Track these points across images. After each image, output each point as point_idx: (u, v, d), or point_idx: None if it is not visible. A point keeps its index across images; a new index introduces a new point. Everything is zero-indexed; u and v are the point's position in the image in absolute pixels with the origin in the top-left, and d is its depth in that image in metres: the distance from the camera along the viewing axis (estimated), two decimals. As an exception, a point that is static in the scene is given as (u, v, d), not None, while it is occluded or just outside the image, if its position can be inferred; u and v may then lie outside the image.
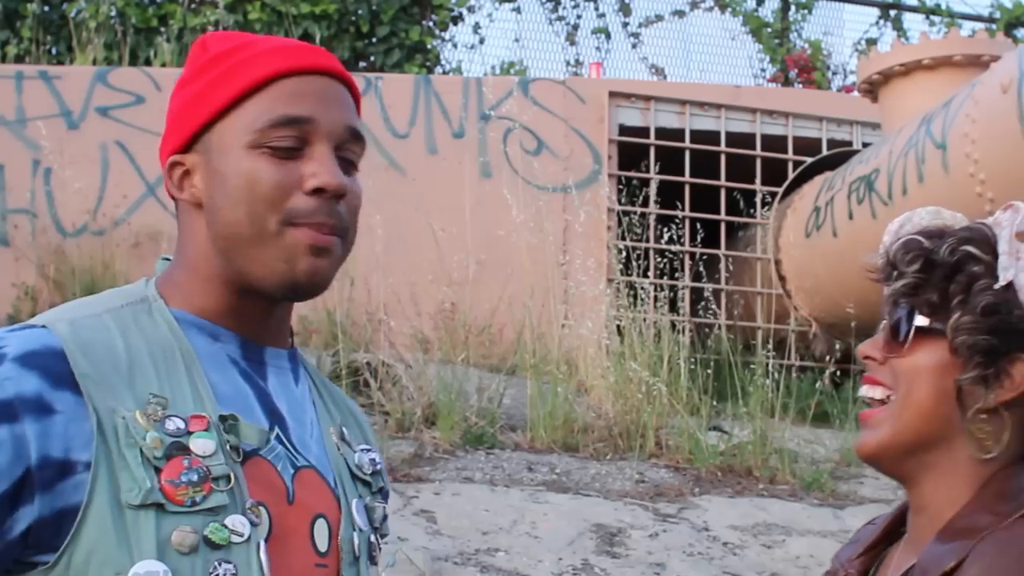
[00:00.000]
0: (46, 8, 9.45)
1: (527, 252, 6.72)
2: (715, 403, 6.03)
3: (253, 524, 1.22)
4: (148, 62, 8.58)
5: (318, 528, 1.30)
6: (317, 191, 1.28)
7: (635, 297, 6.60)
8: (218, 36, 1.37)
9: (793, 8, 11.80)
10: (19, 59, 8.86)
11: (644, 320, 6.35)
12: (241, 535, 1.21)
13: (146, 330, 1.27)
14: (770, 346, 6.35)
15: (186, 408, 1.23)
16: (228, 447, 1.23)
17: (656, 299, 6.61)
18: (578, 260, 6.90)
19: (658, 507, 4.97)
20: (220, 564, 1.19)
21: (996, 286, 1.34)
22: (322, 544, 1.30)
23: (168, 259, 1.39)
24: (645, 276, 7.02)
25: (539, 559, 4.32)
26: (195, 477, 1.20)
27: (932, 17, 11.85)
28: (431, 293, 6.82)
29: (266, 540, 1.23)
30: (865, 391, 1.43)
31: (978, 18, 11.86)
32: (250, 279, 1.29)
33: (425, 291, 6.86)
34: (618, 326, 6.30)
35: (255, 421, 1.29)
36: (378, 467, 1.44)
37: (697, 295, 7.37)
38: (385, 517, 1.44)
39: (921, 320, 1.37)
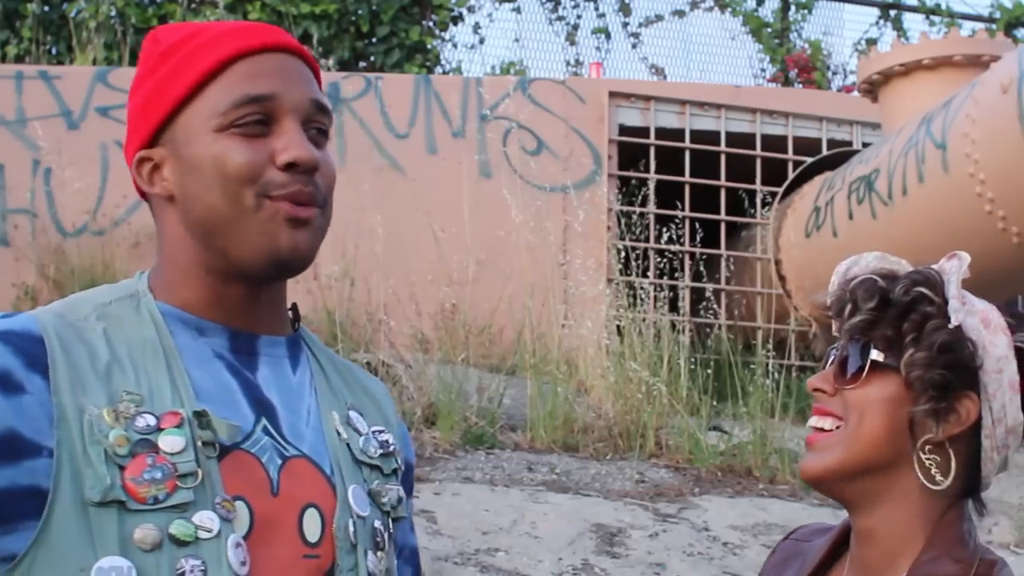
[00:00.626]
0: (46, 8, 9.46)
1: (527, 252, 6.72)
2: (715, 403, 6.03)
3: (224, 519, 1.21)
4: (148, 62, 8.57)
5: (308, 518, 1.28)
6: (290, 166, 1.27)
7: (635, 297, 6.60)
8: (168, 28, 1.36)
9: (793, 8, 11.80)
10: (19, 59, 8.86)
11: (644, 320, 6.35)
12: (210, 531, 1.19)
13: (131, 326, 1.27)
14: (770, 346, 6.35)
15: (163, 405, 1.23)
16: (201, 443, 1.22)
17: (656, 299, 6.61)
18: (578, 260, 6.90)
19: (658, 507, 4.97)
20: (187, 560, 1.18)
21: (950, 326, 1.42)
22: (312, 534, 1.28)
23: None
24: (645, 276, 7.02)
25: (539, 559, 4.32)
26: (158, 475, 1.19)
27: (932, 17, 11.85)
28: (431, 293, 6.83)
29: (247, 534, 1.23)
30: (814, 421, 1.49)
31: (978, 18, 11.86)
32: (233, 260, 1.29)
33: (425, 291, 6.86)
34: (618, 326, 6.30)
35: (238, 415, 1.28)
36: (391, 448, 1.42)
37: (697, 295, 7.37)
38: (400, 499, 1.41)
39: (876, 355, 1.43)
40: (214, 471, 1.22)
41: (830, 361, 1.49)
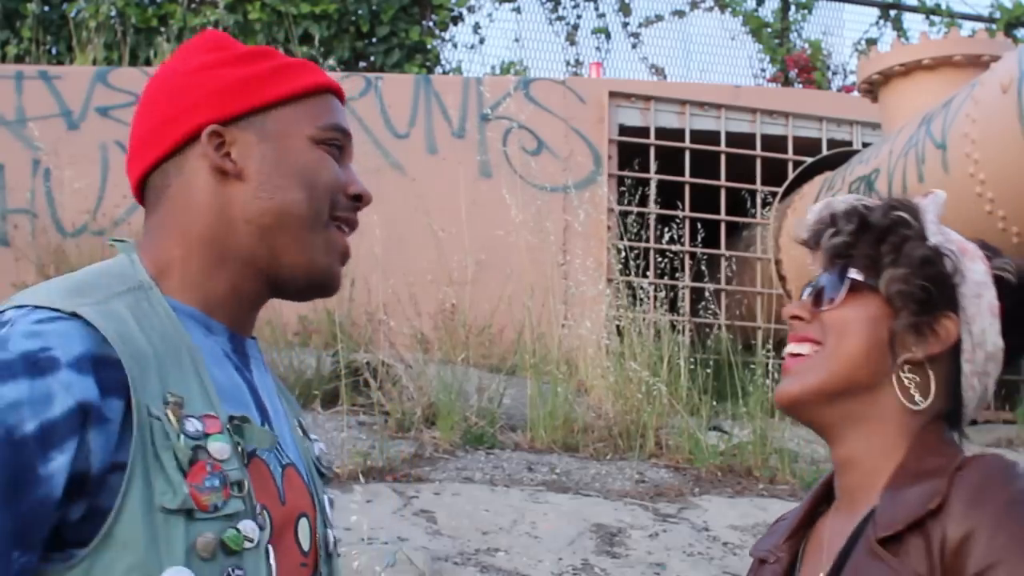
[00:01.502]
0: (46, 8, 9.46)
1: (527, 252, 6.72)
2: (715, 403, 6.03)
3: (261, 528, 1.23)
4: (148, 62, 8.58)
5: (301, 527, 1.31)
6: (356, 197, 1.39)
7: (635, 297, 6.60)
8: (229, 37, 1.44)
9: (793, 8, 11.80)
10: (19, 59, 8.86)
11: (644, 320, 6.36)
12: (252, 540, 1.21)
13: (151, 321, 1.25)
14: (770, 346, 6.35)
15: (197, 407, 1.22)
16: (239, 450, 1.23)
17: (656, 299, 6.61)
18: (578, 260, 6.89)
19: (658, 507, 4.97)
20: (233, 570, 1.19)
21: (928, 244, 1.44)
22: (305, 543, 1.31)
23: (122, 241, 1.37)
24: (644, 276, 7.02)
25: (539, 559, 4.32)
26: (216, 482, 1.20)
27: (932, 17, 11.85)
28: (431, 293, 6.83)
29: (270, 541, 1.25)
30: (791, 348, 1.48)
31: (978, 18, 11.86)
32: (280, 261, 1.33)
33: (425, 291, 6.86)
34: (618, 326, 6.30)
35: (256, 420, 1.30)
36: (325, 459, 1.46)
37: (697, 295, 7.37)
38: (332, 503, 1.45)
39: (856, 274, 1.44)
40: (247, 480, 1.23)
41: (807, 294, 1.50)
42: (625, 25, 11.64)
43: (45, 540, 1.14)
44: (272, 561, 1.22)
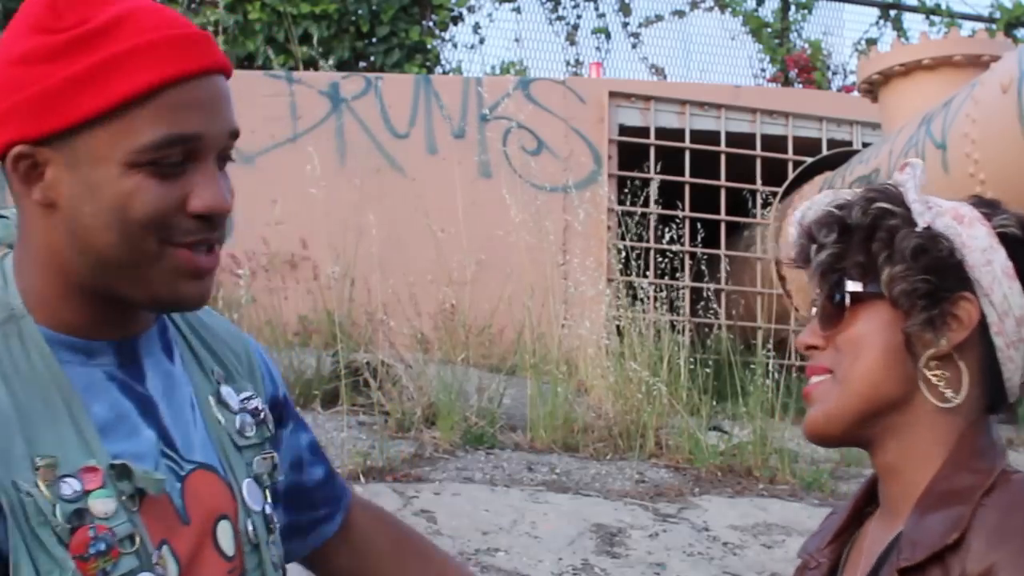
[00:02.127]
0: (46, 8, 9.44)
1: (527, 252, 6.72)
2: (715, 403, 6.03)
3: None
4: (148, 62, 8.56)
5: (221, 532, 1.24)
6: (202, 215, 1.16)
7: (635, 297, 6.60)
8: (69, 2, 1.16)
9: (793, 8, 11.80)
10: (19, 59, 8.84)
11: (644, 320, 6.35)
12: None
13: (19, 364, 1.14)
14: (770, 346, 6.35)
15: (75, 460, 1.13)
16: (124, 497, 1.14)
17: (656, 299, 6.60)
18: (577, 260, 6.89)
19: (658, 507, 4.97)
20: None
21: (917, 229, 1.33)
22: (228, 547, 1.24)
23: (4, 217, 1.27)
24: (644, 276, 7.02)
25: (539, 559, 4.32)
26: (103, 546, 1.11)
27: (932, 17, 11.85)
28: (431, 293, 6.82)
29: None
30: (812, 380, 1.41)
31: (978, 18, 11.86)
32: (125, 298, 1.19)
33: (425, 291, 6.86)
34: (618, 326, 6.29)
35: (140, 443, 1.20)
36: (262, 415, 1.33)
37: (697, 295, 7.37)
38: (275, 466, 1.34)
39: (853, 285, 1.34)
40: (140, 526, 1.15)
41: (813, 314, 1.40)
42: (625, 25, 11.64)
43: None
44: None
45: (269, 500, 1.32)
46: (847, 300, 1.35)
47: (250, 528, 1.27)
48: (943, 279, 1.32)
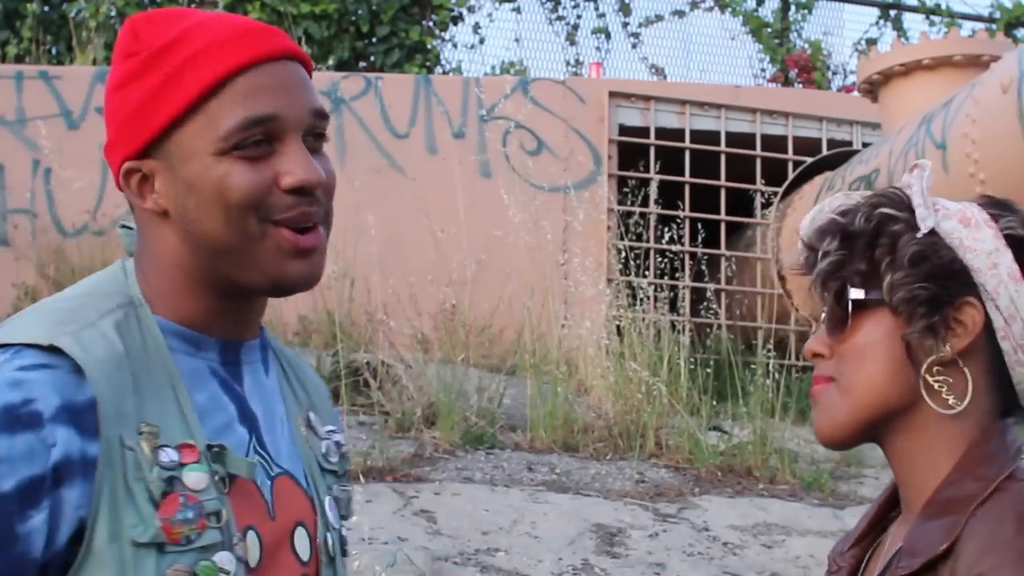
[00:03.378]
0: (46, 8, 9.46)
1: (527, 252, 6.72)
2: (715, 403, 6.03)
3: (239, 560, 1.20)
4: (148, 62, 8.57)
5: (298, 537, 1.29)
6: (295, 190, 1.23)
7: (635, 297, 6.60)
8: (150, 23, 1.27)
9: (793, 8, 11.80)
10: (19, 59, 8.86)
11: (644, 320, 6.35)
12: (227, 572, 1.19)
13: (136, 341, 1.22)
14: (770, 346, 6.35)
15: (174, 436, 1.19)
16: (217, 478, 1.20)
17: (656, 299, 6.60)
18: (577, 260, 6.89)
19: (658, 507, 4.97)
20: None
21: (918, 235, 1.31)
22: (304, 553, 1.29)
23: (129, 228, 1.33)
24: (644, 276, 7.02)
25: (539, 559, 4.32)
26: (191, 514, 1.17)
27: (932, 17, 11.85)
28: (431, 293, 6.82)
29: (258, 563, 1.22)
30: (816, 391, 1.39)
31: (978, 18, 11.86)
32: (240, 284, 1.25)
33: (425, 291, 6.86)
34: (618, 326, 6.30)
35: (235, 437, 1.26)
36: (343, 450, 1.41)
37: (697, 295, 7.37)
38: (350, 500, 1.41)
39: (856, 292, 1.33)
40: (227, 508, 1.20)
41: (821, 320, 1.39)
42: (625, 25, 11.64)
43: None
44: None
45: (346, 525, 1.39)
46: (849, 308, 1.33)
47: (329, 541, 1.32)
48: (945, 285, 1.30)
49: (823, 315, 1.38)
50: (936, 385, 1.31)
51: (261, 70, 1.23)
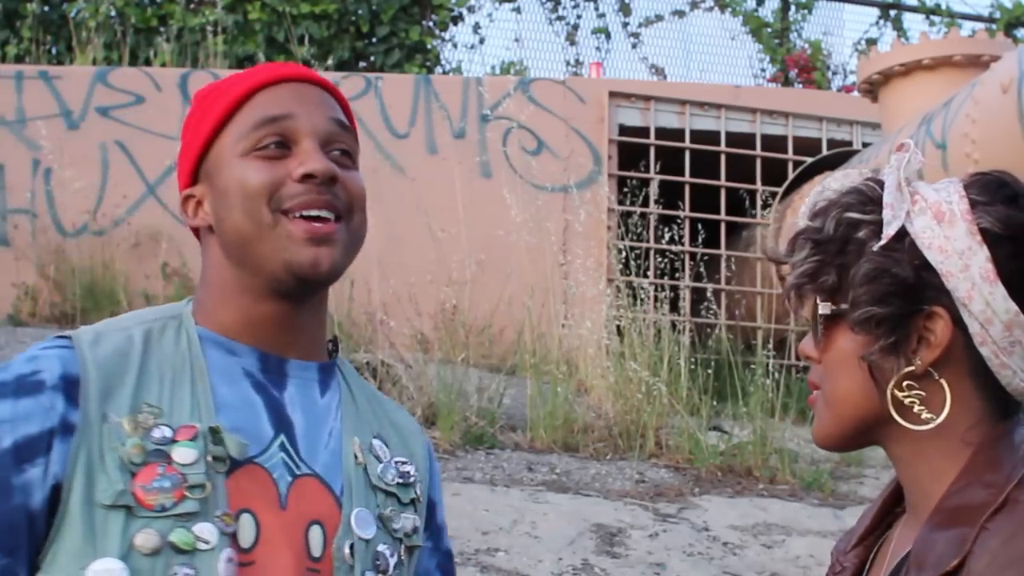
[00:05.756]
0: (46, 8, 9.46)
1: (527, 252, 6.72)
2: (715, 403, 6.03)
3: (223, 533, 1.26)
4: (148, 62, 8.58)
5: (313, 534, 1.33)
6: (305, 176, 1.33)
7: (635, 297, 6.60)
8: (211, 85, 1.45)
9: (793, 8, 11.80)
10: (19, 59, 8.86)
11: (644, 320, 6.36)
12: (207, 543, 1.24)
13: (168, 344, 1.35)
14: (770, 346, 6.35)
15: (182, 418, 1.29)
16: (211, 458, 1.28)
17: (656, 299, 6.61)
18: (578, 260, 6.90)
19: (658, 507, 4.97)
20: (181, 568, 1.23)
21: (876, 247, 1.23)
22: (316, 549, 1.32)
23: None
24: (645, 276, 7.02)
25: (539, 559, 4.32)
26: (167, 484, 1.25)
27: (932, 17, 11.86)
28: (431, 293, 6.83)
29: (253, 544, 1.28)
30: (812, 394, 1.36)
31: (978, 18, 11.87)
32: (262, 277, 1.35)
33: (425, 291, 6.86)
34: (618, 326, 6.30)
35: (256, 429, 1.33)
36: (411, 479, 1.45)
37: (698, 295, 7.37)
38: (416, 529, 1.44)
39: (823, 308, 1.27)
40: (220, 485, 1.27)
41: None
42: (625, 25, 11.65)
43: (28, 546, 1.23)
44: (222, 565, 1.24)
45: (396, 552, 1.39)
46: (820, 323, 1.28)
47: (346, 549, 1.34)
48: (907, 298, 1.23)
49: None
50: (907, 401, 1.25)
51: (281, 86, 1.39)
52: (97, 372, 1.28)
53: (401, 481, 1.44)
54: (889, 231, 1.22)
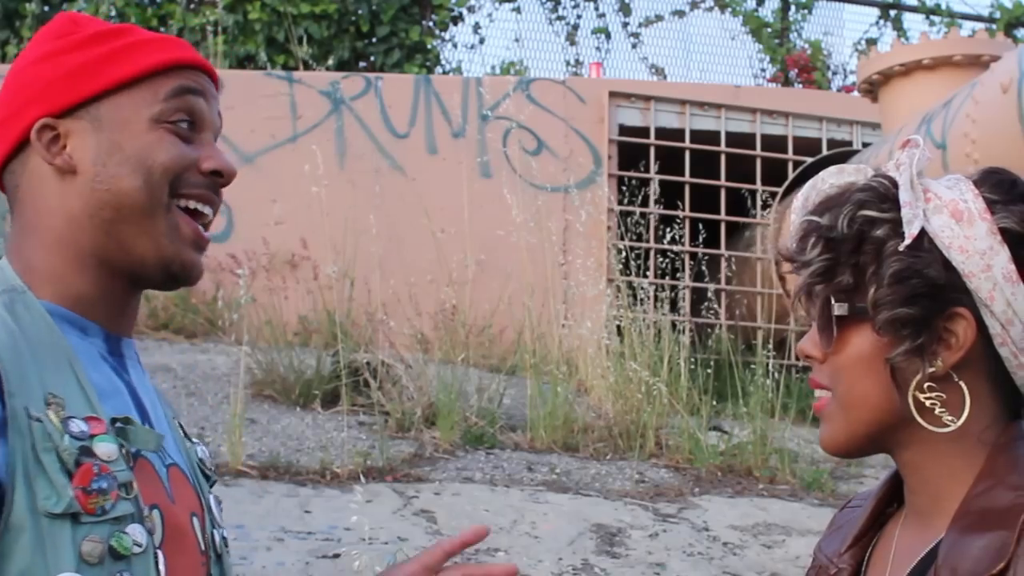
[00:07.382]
0: (46, 8, 9.46)
1: (527, 252, 6.72)
2: (715, 403, 6.03)
3: (150, 533, 1.19)
4: (148, 62, 8.57)
5: (196, 526, 1.29)
6: (214, 173, 1.32)
7: (635, 297, 6.60)
8: (88, 17, 1.37)
9: (793, 8, 11.80)
10: (19, 59, 8.85)
11: (644, 320, 6.36)
12: (140, 545, 1.17)
13: (26, 323, 1.21)
14: (770, 346, 6.35)
15: (79, 409, 1.18)
16: (124, 451, 1.19)
17: (656, 299, 6.61)
18: (578, 260, 6.90)
19: (658, 507, 4.97)
20: (121, 575, 1.14)
21: (901, 247, 1.20)
22: (201, 543, 1.28)
23: None
24: (645, 276, 7.02)
25: (539, 559, 4.32)
26: (104, 484, 1.15)
27: (932, 17, 11.86)
28: (431, 293, 6.82)
29: (161, 543, 1.21)
30: (816, 392, 1.34)
31: (978, 18, 11.87)
32: (130, 254, 1.27)
33: (425, 291, 6.86)
34: (618, 326, 6.30)
35: (138, 421, 1.26)
36: (208, 460, 1.43)
37: (698, 295, 7.37)
38: (220, 508, 1.41)
39: (839, 308, 1.25)
40: (135, 481, 1.19)
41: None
42: (625, 25, 11.65)
43: None
44: (161, 566, 1.18)
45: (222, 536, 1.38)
46: (834, 324, 1.26)
47: (217, 538, 1.33)
48: (932, 299, 1.21)
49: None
50: (928, 403, 1.23)
51: (195, 73, 1.35)
52: (10, 360, 1.14)
53: (201, 459, 1.40)
54: (912, 230, 1.20)
